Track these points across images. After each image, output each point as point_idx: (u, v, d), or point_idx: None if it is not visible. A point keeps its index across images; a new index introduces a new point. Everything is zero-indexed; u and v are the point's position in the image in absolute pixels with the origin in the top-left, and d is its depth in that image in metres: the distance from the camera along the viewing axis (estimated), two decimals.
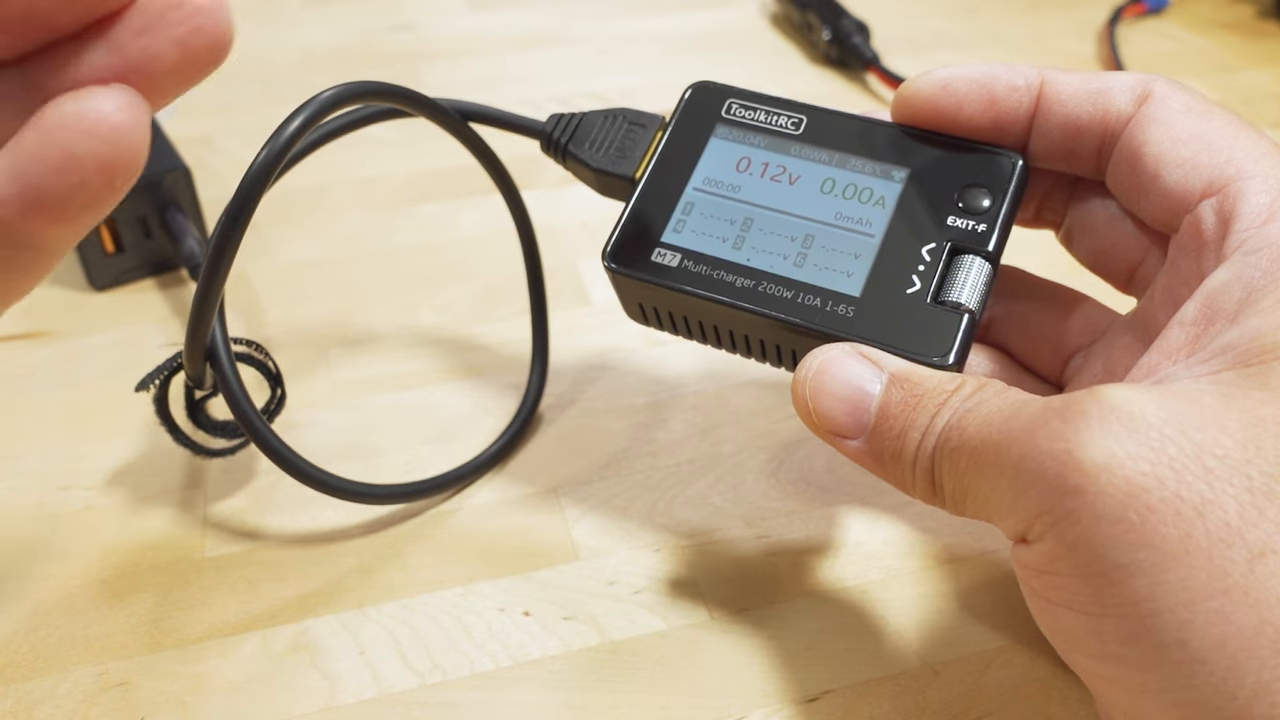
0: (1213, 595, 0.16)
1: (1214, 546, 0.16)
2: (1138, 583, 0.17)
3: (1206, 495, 0.17)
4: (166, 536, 0.28)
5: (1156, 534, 0.16)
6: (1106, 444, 0.17)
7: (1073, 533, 0.17)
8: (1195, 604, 0.16)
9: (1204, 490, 0.17)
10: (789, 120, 0.25)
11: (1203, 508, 0.16)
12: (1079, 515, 0.17)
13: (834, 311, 0.22)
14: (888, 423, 0.21)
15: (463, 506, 0.29)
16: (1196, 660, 0.16)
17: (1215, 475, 0.17)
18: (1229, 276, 0.20)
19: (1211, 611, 0.16)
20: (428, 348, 0.34)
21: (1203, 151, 0.21)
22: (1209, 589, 0.16)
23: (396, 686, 0.24)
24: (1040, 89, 0.23)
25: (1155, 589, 0.17)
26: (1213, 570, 0.16)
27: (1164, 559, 0.16)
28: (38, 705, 0.24)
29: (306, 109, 0.22)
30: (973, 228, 0.23)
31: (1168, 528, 0.16)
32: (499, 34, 0.53)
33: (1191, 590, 0.16)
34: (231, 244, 0.22)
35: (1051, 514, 0.18)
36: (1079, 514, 0.17)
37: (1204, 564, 0.16)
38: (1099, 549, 0.17)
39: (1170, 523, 0.16)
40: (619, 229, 0.25)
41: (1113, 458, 0.17)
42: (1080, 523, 0.17)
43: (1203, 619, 0.16)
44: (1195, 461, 0.17)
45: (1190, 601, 0.16)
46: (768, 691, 0.24)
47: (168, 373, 0.27)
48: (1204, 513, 0.16)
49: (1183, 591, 0.16)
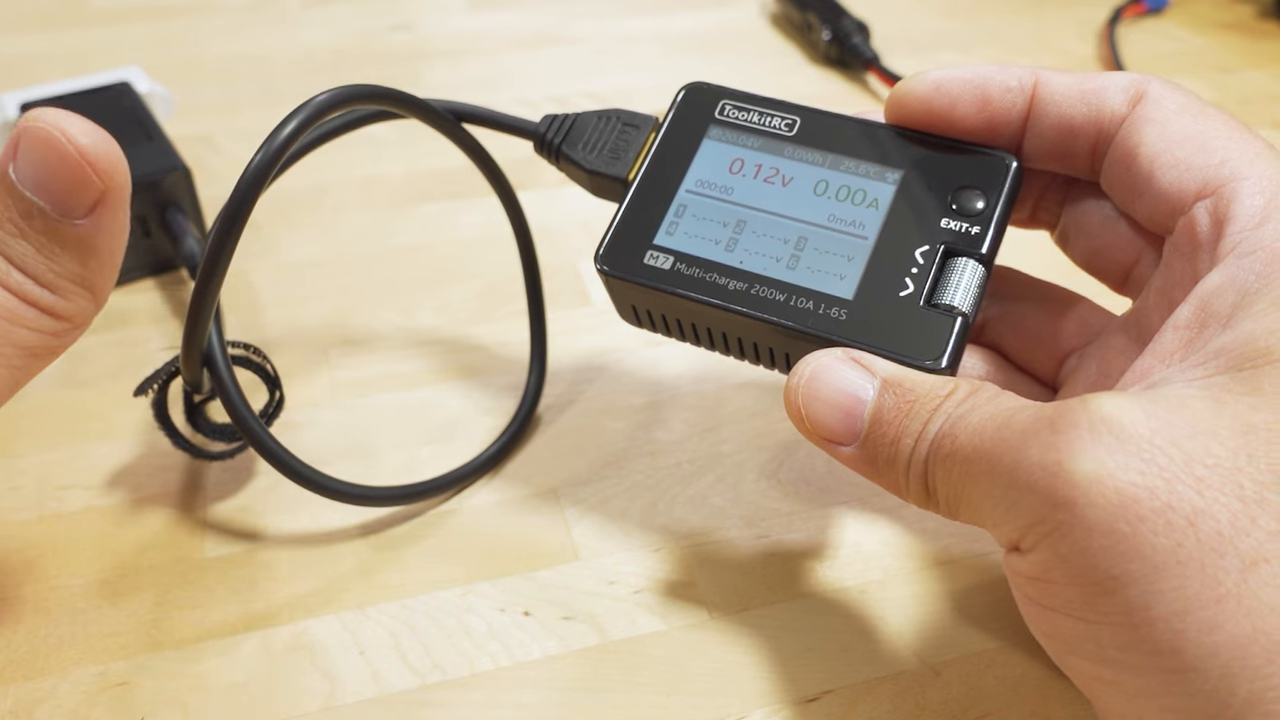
0: (1205, 604, 0.16)
1: (1206, 556, 0.16)
2: (1130, 593, 0.17)
3: (1198, 504, 0.16)
4: (166, 537, 0.28)
5: (1148, 544, 0.16)
6: (1097, 455, 0.17)
7: (1065, 544, 0.17)
8: (1188, 613, 0.16)
9: (1195, 499, 0.16)
10: (782, 121, 0.25)
11: (1194, 517, 0.16)
12: (1070, 527, 0.17)
13: (826, 314, 0.22)
14: (881, 429, 0.20)
15: (462, 507, 0.29)
16: (1190, 668, 0.16)
17: (1206, 484, 0.17)
18: (1222, 280, 0.20)
19: (1204, 621, 0.16)
20: (427, 348, 0.34)
21: (1197, 153, 0.21)
22: (1202, 598, 0.16)
23: (396, 686, 0.24)
24: (1034, 90, 0.23)
25: (1148, 599, 0.16)
26: (1205, 580, 0.16)
27: (1155, 569, 0.16)
28: (38, 705, 0.24)
29: (300, 113, 0.22)
30: (966, 230, 0.23)
31: (1159, 538, 0.16)
32: (499, 34, 0.53)
33: (1184, 600, 0.16)
34: (226, 250, 0.22)
35: (1044, 525, 0.18)
36: (1070, 526, 0.17)
37: (1196, 573, 0.16)
38: (1091, 560, 0.17)
39: (1161, 533, 0.16)
40: (611, 231, 0.25)
41: (1102, 469, 0.17)
42: (1072, 534, 0.17)
43: (1195, 628, 0.16)
44: (1186, 470, 0.17)
45: (1183, 611, 0.16)
46: (768, 691, 0.25)
47: (165, 377, 0.27)
48: (1195, 522, 0.16)
49: (1176, 601, 0.16)
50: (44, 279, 0.20)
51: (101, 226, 0.20)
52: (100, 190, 0.20)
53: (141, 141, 0.36)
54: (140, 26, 0.52)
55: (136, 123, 0.37)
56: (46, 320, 0.20)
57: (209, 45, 0.51)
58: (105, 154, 0.19)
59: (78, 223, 0.20)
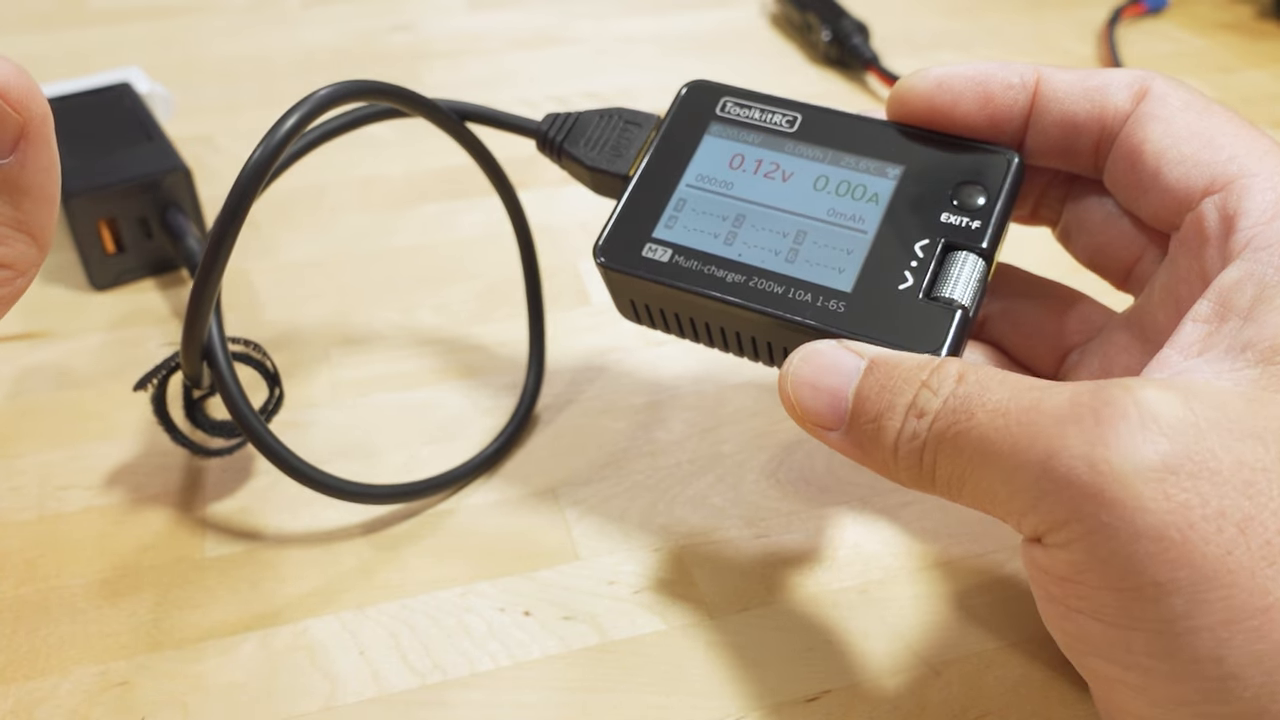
0: (1253, 614, 0.16)
1: (1256, 565, 0.16)
2: (1174, 600, 0.16)
3: (1249, 511, 0.16)
4: (166, 536, 0.28)
5: (1198, 552, 0.16)
6: (1148, 454, 0.16)
7: (1106, 547, 0.17)
8: (1235, 623, 0.16)
9: (1246, 506, 0.16)
10: (783, 118, 0.25)
11: (1245, 524, 0.16)
12: (1115, 530, 0.16)
13: (825, 307, 0.22)
14: (864, 406, 0.20)
15: (462, 507, 0.29)
16: (1231, 676, 0.16)
17: (1256, 489, 0.16)
18: (1240, 273, 0.19)
19: (1251, 630, 0.16)
20: (427, 347, 0.34)
21: (1204, 148, 0.21)
22: (1249, 608, 0.16)
23: (396, 686, 0.24)
24: (1036, 86, 0.23)
25: (1192, 607, 0.16)
26: (1254, 589, 0.16)
27: (1204, 578, 0.16)
28: (38, 705, 0.24)
29: (302, 107, 0.22)
30: (967, 224, 0.23)
31: (1209, 545, 0.16)
32: (499, 34, 0.53)
33: (1232, 609, 0.16)
34: (228, 241, 0.22)
35: (1082, 524, 0.17)
36: (1114, 529, 0.16)
37: (1246, 582, 0.16)
38: (1136, 565, 0.16)
39: (1212, 540, 0.16)
40: (611, 224, 0.24)
41: (1154, 470, 0.16)
42: (1116, 537, 0.16)
43: (1241, 637, 0.16)
44: (1236, 475, 0.16)
45: (1230, 620, 0.16)
46: (767, 691, 0.24)
47: (165, 372, 0.27)
48: (1246, 530, 0.16)
49: (1223, 610, 0.16)
50: None
51: (28, 163, 0.19)
52: (19, 124, 0.18)
53: (142, 141, 0.36)
54: (140, 26, 0.52)
55: (136, 123, 0.37)
56: None
57: (209, 45, 0.51)
58: (17, 84, 0.18)
59: (1, 163, 0.19)
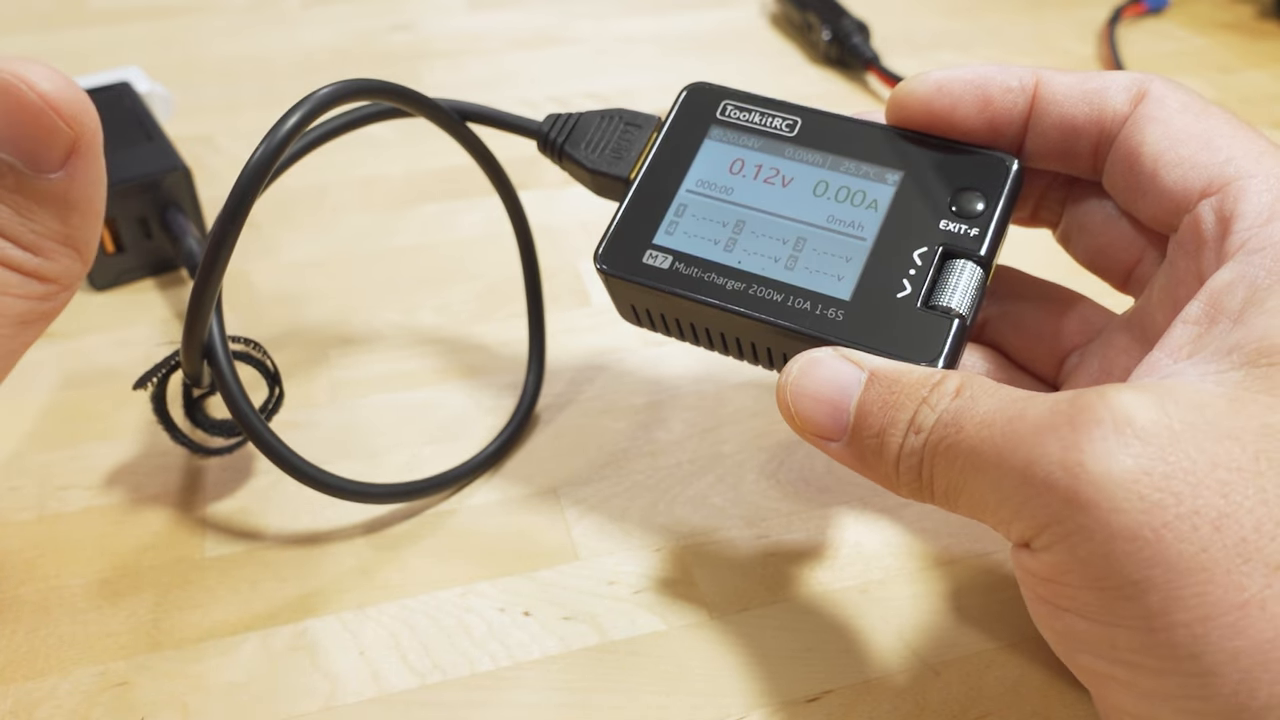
0: (1228, 610, 0.16)
1: (1231, 562, 0.16)
2: (1151, 598, 0.16)
3: (1223, 509, 0.16)
4: (166, 536, 0.28)
5: (1172, 550, 0.16)
6: (1121, 458, 0.17)
7: (1085, 548, 0.17)
8: (1210, 619, 0.16)
9: (1220, 504, 0.16)
10: (783, 122, 0.25)
11: (1220, 522, 0.16)
12: (1091, 531, 0.17)
13: (823, 315, 0.22)
14: (867, 420, 0.20)
15: (462, 507, 0.29)
16: (1210, 672, 0.16)
17: (1231, 488, 0.16)
18: (1233, 276, 0.20)
19: (1226, 626, 0.16)
20: (427, 347, 0.34)
21: (1201, 151, 0.21)
22: (1225, 604, 0.16)
23: (396, 686, 0.24)
24: (1035, 90, 0.23)
25: (1169, 604, 0.16)
26: (1229, 585, 0.16)
27: (1179, 575, 0.16)
28: (38, 705, 0.24)
29: (303, 105, 0.22)
30: (965, 231, 0.23)
31: (1184, 544, 0.16)
32: (499, 34, 0.53)
33: (1207, 606, 0.16)
34: (229, 240, 0.22)
35: (1061, 526, 0.17)
36: (1091, 530, 0.17)
37: (1221, 579, 0.16)
38: (1113, 565, 0.17)
39: (1186, 539, 0.16)
40: (611, 230, 0.25)
41: (1127, 472, 0.16)
42: (1093, 538, 0.17)
43: (1217, 634, 0.16)
44: (1210, 475, 0.16)
45: (1205, 617, 0.16)
46: (768, 691, 0.25)
47: (165, 370, 0.27)
48: (1221, 527, 0.16)
49: (1198, 607, 0.16)
50: (24, 241, 0.19)
51: (77, 178, 0.19)
52: (71, 138, 0.18)
53: (141, 141, 0.36)
54: (140, 26, 0.52)
55: (136, 123, 0.37)
56: (33, 284, 0.19)
57: (209, 45, 0.51)
58: (71, 98, 0.18)
59: (52, 177, 0.19)
